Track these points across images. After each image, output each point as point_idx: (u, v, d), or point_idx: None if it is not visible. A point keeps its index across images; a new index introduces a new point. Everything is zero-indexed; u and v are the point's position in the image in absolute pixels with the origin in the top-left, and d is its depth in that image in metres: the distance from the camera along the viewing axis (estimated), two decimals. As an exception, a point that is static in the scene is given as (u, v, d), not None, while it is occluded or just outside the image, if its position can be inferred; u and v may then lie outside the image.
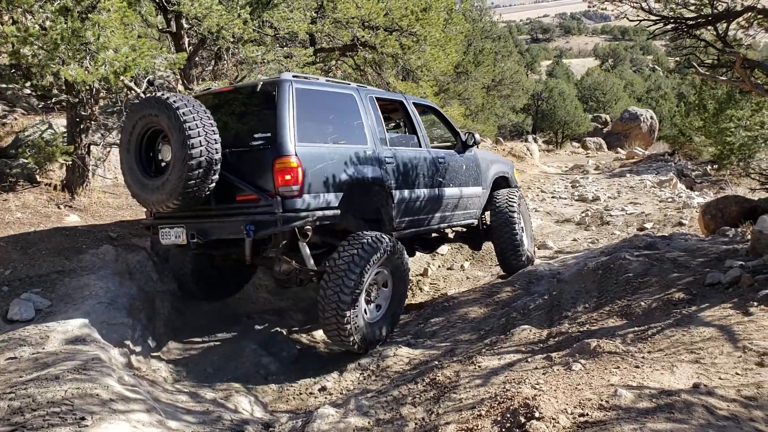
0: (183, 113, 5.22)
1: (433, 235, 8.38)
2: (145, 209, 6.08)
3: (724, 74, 7.28)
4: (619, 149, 28.77)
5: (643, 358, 4.13)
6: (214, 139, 5.33)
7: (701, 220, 8.80)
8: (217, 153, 5.33)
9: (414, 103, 7.56)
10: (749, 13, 6.34)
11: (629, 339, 4.60)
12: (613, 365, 4.01)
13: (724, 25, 6.63)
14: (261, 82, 5.81)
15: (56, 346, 4.86)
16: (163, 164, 5.58)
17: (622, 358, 4.12)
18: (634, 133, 30.16)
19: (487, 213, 8.48)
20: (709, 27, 6.71)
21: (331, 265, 5.68)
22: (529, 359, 4.57)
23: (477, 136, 8.07)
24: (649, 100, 39.71)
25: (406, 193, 6.69)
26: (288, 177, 5.37)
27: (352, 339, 5.74)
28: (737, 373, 3.72)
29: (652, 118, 30.63)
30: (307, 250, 5.78)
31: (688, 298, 5.18)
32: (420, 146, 7.23)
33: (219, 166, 5.39)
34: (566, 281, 6.74)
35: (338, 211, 5.80)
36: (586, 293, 6.27)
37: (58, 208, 7.03)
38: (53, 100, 8.30)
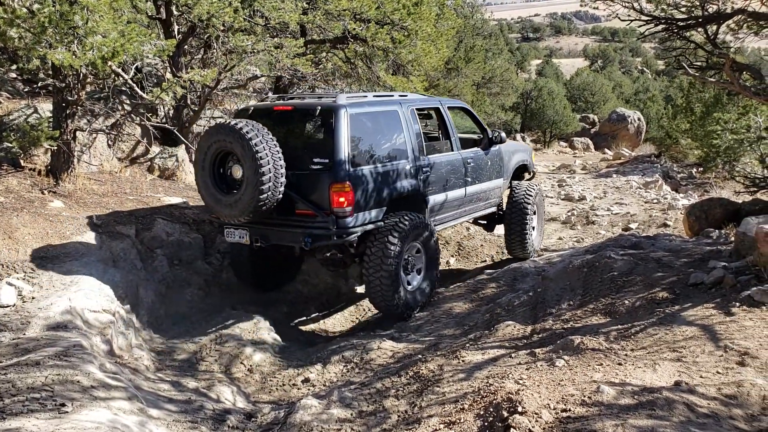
0: (255, 144, 5.95)
1: None
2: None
3: (713, 76, 7.33)
4: (606, 150, 28.88)
5: (625, 355, 4.16)
6: (281, 165, 6.09)
7: (686, 221, 8.86)
8: (282, 177, 6.12)
9: (448, 106, 8.19)
10: (739, 16, 6.38)
11: (612, 336, 4.63)
12: (596, 362, 4.03)
13: (714, 27, 6.67)
14: (319, 107, 6.47)
15: (37, 332, 4.81)
16: (232, 181, 6.34)
17: (605, 355, 4.14)
18: (622, 134, 30.26)
19: (505, 198, 9.18)
20: (699, 29, 6.75)
21: (370, 247, 6.55)
22: (513, 355, 4.59)
23: (503, 134, 8.73)
24: (637, 101, 39.91)
25: (438, 197, 7.47)
26: (342, 200, 6.19)
27: (395, 306, 6.64)
28: (718, 372, 3.75)
29: (639, 119, 30.74)
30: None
31: (671, 297, 5.22)
32: (452, 150, 7.88)
33: (283, 187, 6.16)
34: (551, 278, 6.77)
35: (381, 223, 6.63)
36: (570, 291, 6.29)
37: (42, 193, 6.95)
38: (39, 85, 8.20)
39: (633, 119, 30.58)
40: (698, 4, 6.73)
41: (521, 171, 9.60)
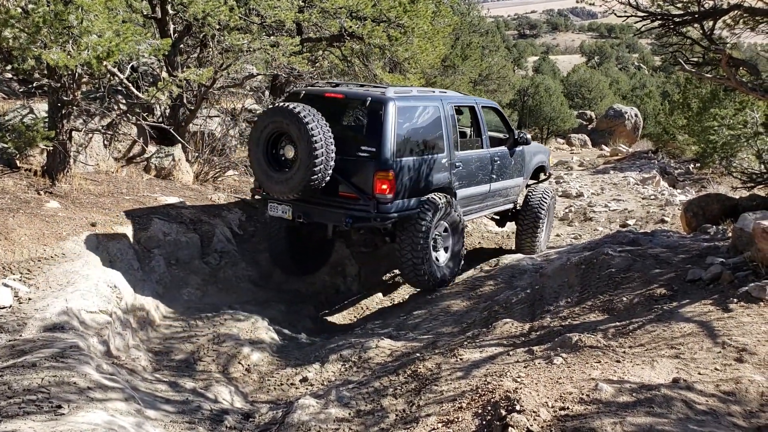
0: (311, 127, 6.39)
1: None
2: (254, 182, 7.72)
3: (710, 72, 7.33)
4: (603, 146, 28.90)
5: (624, 352, 4.15)
6: (332, 149, 6.55)
7: (683, 217, 8.86)
8: (332, 160, 6.58)
9: (482, 106, 8.71)
10: (735, 12, 6.37)
11: (610, 334, 4.62)
12: (594, 359, 4.03)
13: (711, 23, 6.66)
14: (370, 98, 6.91)
15: (34, 334, 4.79)
16: (284, 159, 6.81)
17: (603, 353, 4.14)
18: (619, 131, 30.30)
19: (521, 197, 9.70)
20: (695, 24, 6.74)
21: (404, 225, 7.05)
22: (511, 352, 4.58)
23: (528, 136, 9.31)
24: (633, 97, 39.93)
25: (466, 191, 7.98)
26: (384, 187, 6.69)
27: (425, 279, 7.20)
28: (716, 369, 3.75)
29: (636, 115, 30.78)
30: None
31: (669, 294, 5.21)
32: (482, 147, 8.41)
33: (332, 170, 6.62)
34: (549, 276, 6.76)
35: (416, 211, 7.05)
36: (568, 288, 6.29)
37: (38, 194, 6.92)
38: (35, 85, 8.16)
39: (630, 115, 30.61)
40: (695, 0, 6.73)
41: (539, 171, 10.21)
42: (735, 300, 4.66)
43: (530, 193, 9.45)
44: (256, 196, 7.56)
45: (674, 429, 3.02)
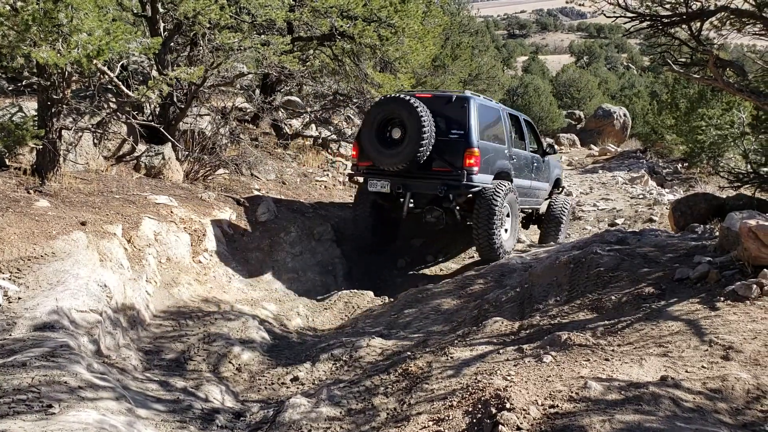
0: (419, 110, 8.33)
1: None
2: (353, 165, 9.64)
3: (698, 72, 7.38)
4: (592, 146, 28.99)
5: (612, 351, 4.19)
6: (433, 130, 8.44)
7: (671, 216, 8.92)
8: (433, 138, 8.45)
9: (523, 119, 10.58)
10: (722, 13, 6.43)
11: (599, 332, 4.66)
12: (583, 358, 4.06)
13: (698, 24, 6.71)
14: (455, 95, 8.85)
15: (24, 333, 4.78)
16: (390, 139, 8.64)
17: (592, 351, 4.17)
18: (607, 130, 30.39)
19: (544, 204, 11.38)
20: (683, 25, 6.80)
21: (479, 205, 8.69)
22: (501, 351, 4.61)
23: (555, 146, 11.47)
24: (622, 97, 40.05)
25: (518, 181, 9.76)
26: (472, 161, 8.46)
27: (497, 251, 8.76)
28: (703, 367, 3.79)
29: (625, 115, 30.88)
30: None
31: (657, 292, 5.25)
32: (526, 149, 10.34)
33: (431, 147, 8.44)
34: (538, 274, 6.80)
35: (494, 190, 8.70)
36: (557, 286, 6.33)
37: (28, 192, 6.89)
38: (24, 83, 8.12)
39: (618, 115, 30.72)
40: (682, 1, 6.77)
41: (556, 185, 11.90)
42: (722, 298, 4.70)
43: (553, 202, 11.08)
44: (357, 178, 9.44)
45: (662, 426, 3.05)
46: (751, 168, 9.90)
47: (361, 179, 9.31)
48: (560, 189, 12.11)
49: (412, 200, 9.08)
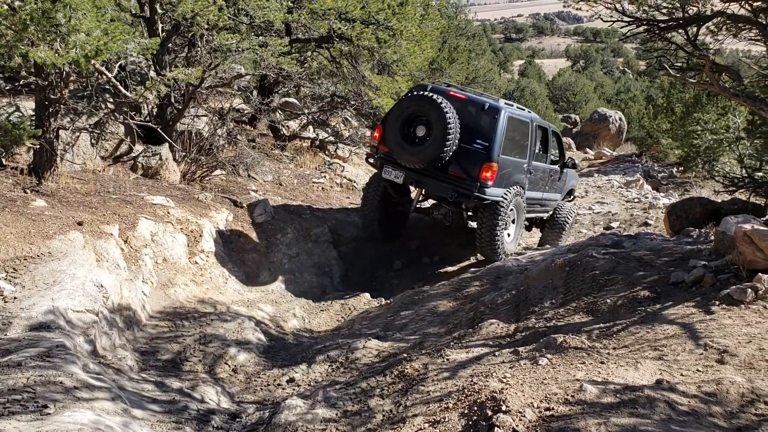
0: (448, 116, 8.23)
1: None
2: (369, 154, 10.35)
3: (694, 77, 7.42)
4: (587, 149, 29.05)
5: (608, 354, 4.21)
6: (458, 136, 8.36)
7: (666, 220, 8.96)
8: (456, 145, 8.38)
9: (552, 130, 10.50)
10: (719, 18, 6.47)
11: (595, 335, 4.68)
12: (578, 360, 4.07)
13: (695, 29, 6.75)
14: (488, 103, 8.73)
15: (19, 333, 4.77)
16: (414, 137, 8.57)
17: (587, 354, 4.19)
18: (603, 134, 30.46)
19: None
20: (680, 30, 6.83)
21: (485, 209, 8.73)
22: (497, 353, 4.62)
23: (576, 161, 11.59)
24: (618, 101, 40.17)
25: (531, 193, 9.76)
26: (488, 174, 8.44)
27: (499, 253, 8.87)
28: (698, 370, 3.81)
29: (620, 119, 30.96)
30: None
31: (652, 296, 5.27)
32: (546, 162, 10.25)
33: (453, 152, 8.39)
34: (534, 277, 6.81)
35: (504, 200, 8.72)
36: (553, 289, 6.34)
37: (25, 192, 6.88)
38: (21, 83, 8.11)
39: (614, 119, 30.79)
40: (679, 6, 6.81)
41: (569, 193, 11.90)
42: (717, 302, 4.73)
43: (558, 209, 11.06)
44: (370, 159, 9.59)
45: (657, 429, 3.07)
46: (746, 172, 9.95)
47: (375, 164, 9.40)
48: (572, 198, 12.18)
49: (423, 195, 9.38)
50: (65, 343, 4.68)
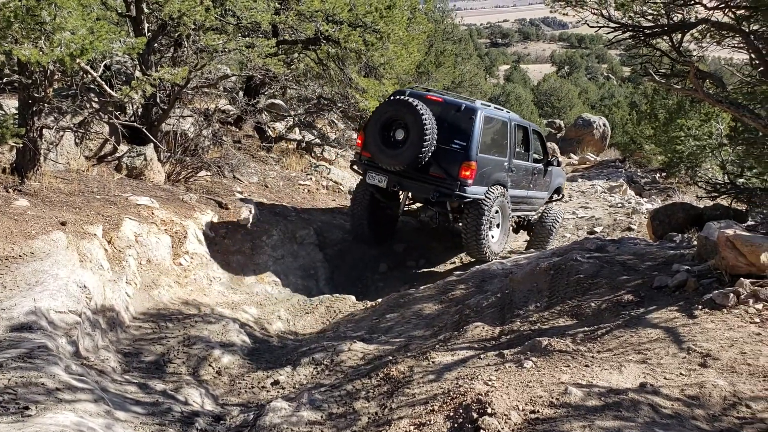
0: (424, 118, 8.48)
1: None
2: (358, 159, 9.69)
3: (678, 83, 7.50)
4: (571, 154, 29.26)
5: (592, 357, 4.23)
6: (435, 138, 8.59)
7: (650, 225, 9.03)
8: (434, 146, 8.61)
9: (532, 129, 10.72)
10: (703, 25, 6.54)
11: (579, 338, 4.70)
12: (563, 364, 4.09)
13: (679, 36, 6.82)
14: (464, 104, 8.93)
15: (0, 334, 4.71)
16: (393, 140, 8.82)
17: (572, 357, 4.21)
18: (587, 140, 30.69)
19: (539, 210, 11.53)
20: (664, 37, 6.90)
21: (469, 208, 8.93)
22: (482, 356, 4.63)
23: (560, 159, 12.19)
24: (602, 107, 40.53)
25: (513, 191, 9.91)
26: (467, 173, 8.64)
27: (486, 252, 9.06)
28: (681, 374, 3.84)
29: (604, 125, 31.20)
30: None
31: (636, 300, 5.31)
32: (528, 161, 10.42)
33: (432, 153, 8.60)
34: (518, 280, 6.84)
35: (484, 197, 8.90)
36: (537, 293, 6.37)
37: (7, 191, 6.80)
38: (5, 81, 8.02)
39: (598, 125, 31.03)
40: (664, 12, 6.88)
41: (556, 191, 12.01)
42: (700, 307, 4.77)
43: (545, 213, 11.13)
44: (355, 166, 9.64)
45: (641, 432, 3.09)
46: (728, 179, 10.04)
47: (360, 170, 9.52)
48: (560, 196, 12.34)
49: (410, 199, 9.65)
50: (47, 344, 4.63)
